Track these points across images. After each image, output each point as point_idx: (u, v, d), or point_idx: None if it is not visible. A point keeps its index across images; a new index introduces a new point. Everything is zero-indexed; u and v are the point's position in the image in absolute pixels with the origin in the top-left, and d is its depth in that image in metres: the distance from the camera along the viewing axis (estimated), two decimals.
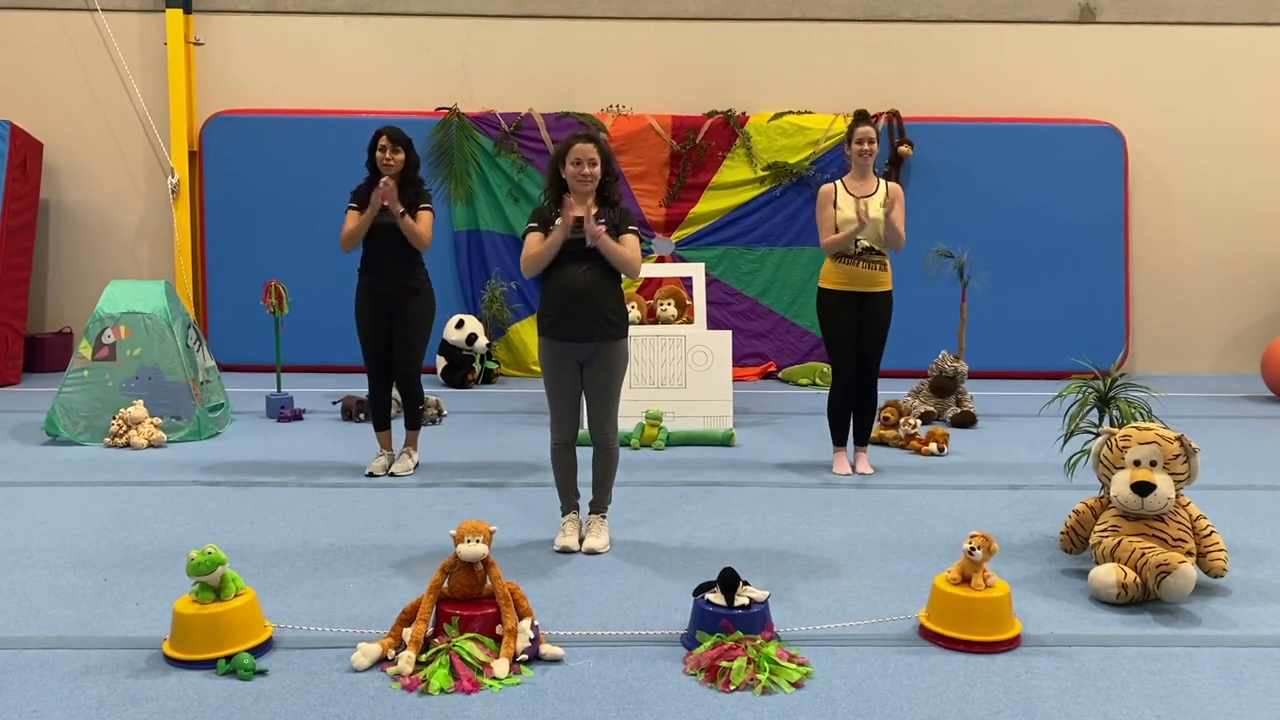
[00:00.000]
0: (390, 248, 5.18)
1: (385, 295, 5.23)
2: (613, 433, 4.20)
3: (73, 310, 9.52)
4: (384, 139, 5.15)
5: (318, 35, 9.44)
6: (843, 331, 5.32)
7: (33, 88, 9.37)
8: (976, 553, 3.21)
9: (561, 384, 4.12)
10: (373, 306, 5.26)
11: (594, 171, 4.00)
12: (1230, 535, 4.27)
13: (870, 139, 5.25)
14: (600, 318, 4.00)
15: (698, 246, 9.34)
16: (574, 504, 4.28)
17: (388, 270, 5.21)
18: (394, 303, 5.24)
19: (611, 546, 4.15)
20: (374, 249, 5.24)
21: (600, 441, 4.20)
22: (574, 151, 4.00)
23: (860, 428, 5.57)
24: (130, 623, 3.32)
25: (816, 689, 2.88)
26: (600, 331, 4.02)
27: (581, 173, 3.99)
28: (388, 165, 5.14)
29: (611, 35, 9.49)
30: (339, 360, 8.63)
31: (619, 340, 4.10)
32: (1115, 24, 9.57)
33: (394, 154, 5.13)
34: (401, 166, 5.17)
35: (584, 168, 3.98)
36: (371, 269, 5.26)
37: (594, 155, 3.99)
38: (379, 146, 5.15)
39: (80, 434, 6.05)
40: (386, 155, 5.13)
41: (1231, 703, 2.83)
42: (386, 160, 5.13)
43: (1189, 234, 9.75)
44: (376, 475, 5.32)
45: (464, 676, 2.88)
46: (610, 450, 4.22)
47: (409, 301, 5.25)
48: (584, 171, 3.99)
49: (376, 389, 5.41)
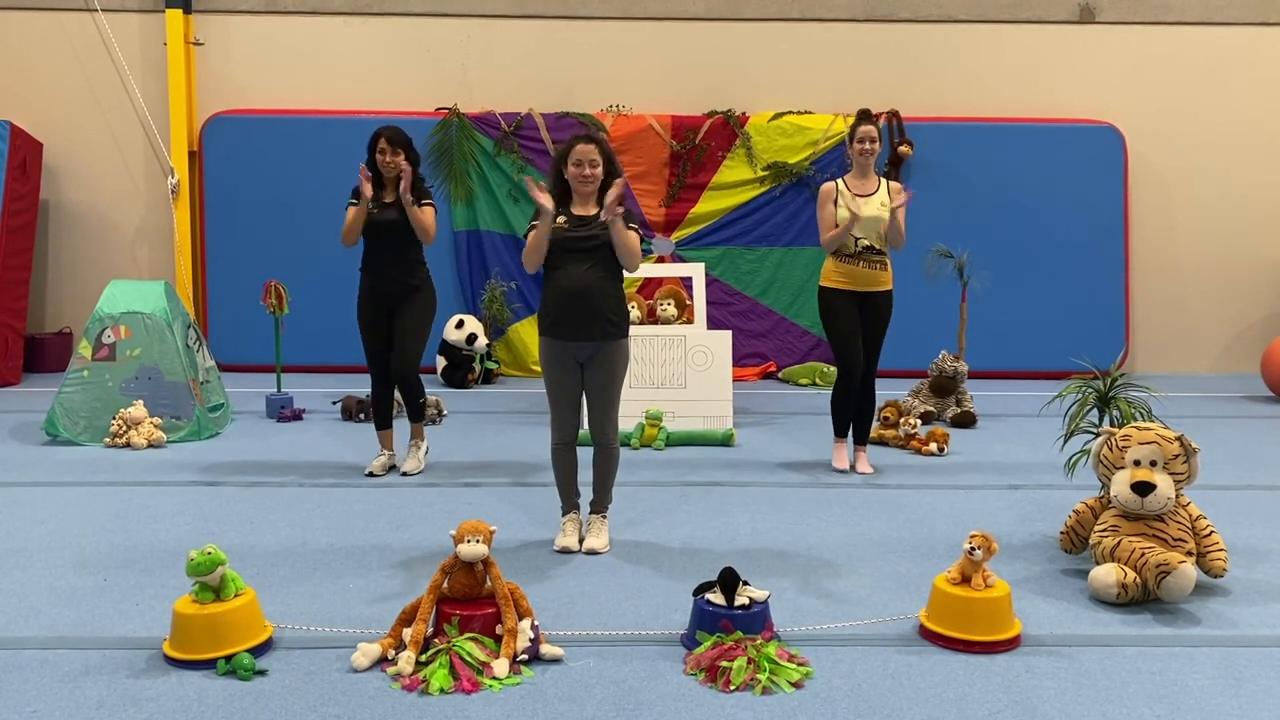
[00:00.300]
0: (391, 246, 5.19)
1: (386, 294, 5.23)
2: (613, 432, 4.21)
3: (72, 310, 9.51)
4: (383, 140, 5.14)
5: (318, 35, 9.44)
6: (847, 326, 5.33)
7: (32, 88, 9.37)
8: (976, 553, 3.21)
9: (562, 384, 4.12)
10: (373, 305, 5.26)
11: (595, 172, 4.01)
12: (1230, 535, 4.27)
13: (872, 138, 5.26)
14: (601, 317, 4.01)
15: (698, 246, 9.34)
16: (574, 504, 4.28)
17: (388, 268, 5.21)
18: (395, 300, 5.24)
19: (611, 546, 4.15)
20: (374, 247, 5.24)
21: (600, 441, 4.20)
22: (575, 152, 4.01)
23: (859, 428, 5.57)
24: (130, 623, 3.32)
25: (816, 689, 2.88)
26: (601, 331, 4.02)
27: (583, 174, 4.00)
28: (387, 166, 5.13)
29: (611, 35, 9.49)
30: (339, 360, 8.63)
31: (620, 340, 4.10)
32: (1115, 24, 9.57)
33: (393, 155, 5.12)
34: (400, 169, 5.16)
35: (585, 169, 4.00)
36: (372, 268, 5.27)
37: (595, 156, 4.00)
38: (378, 149, 5.14)
39: (80, 434, 6.05)
40: (386, 157, 5.12)
41: (1231, 703, 2.83)
42: (386, 162, 5.13)
43: (1189, 234, 9.75)
44: (377, 475, 5.32)
45: (464, 676, 2.88)
46: (611, 450, 4.23)
47: (410, 299, 5.25)
48: (585, 173, 4.00)
49: (378, 388, 5.41)
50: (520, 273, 9.33)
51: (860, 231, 5.23)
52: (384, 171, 5.15)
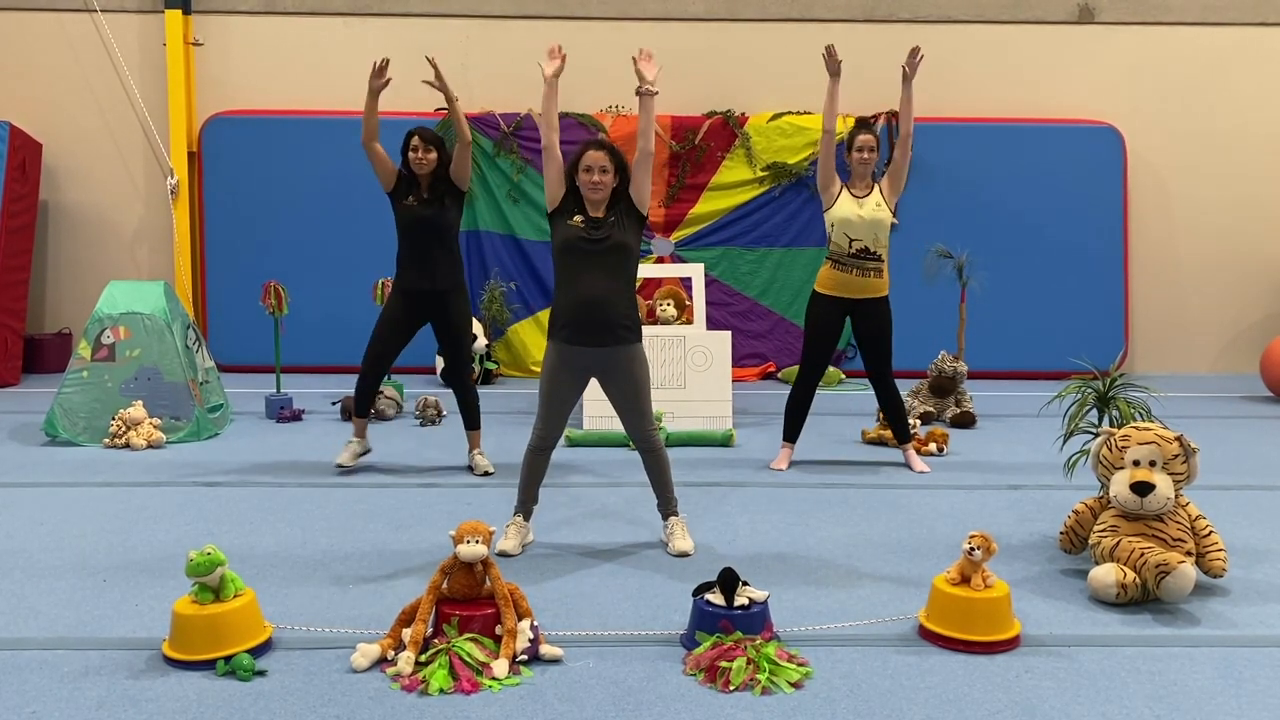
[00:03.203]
0: (428, 242, 5.14)
1: (424, 292, 5.21)
2: (654, 434, 4.16)
3: (72, 311, 9.51)
4: (416, 138, 5.18)
5: (317, 36, 9.44)
6: (822, 335, 5.45)
7: (32, 89, 9.37)
8: (976, 553, 3.21)
9: (559, 390, 4.07)
10: (405, 305, 5.26)
11: (605, 179, 3.94)
12: (1230, 535, 4.26)
13: (870, 147, 5.28)
14: (614, 324, 3.96)
15: (697, 247, 9.34)
16: (529, 510, 4.22)
17: (426, 264, 5.17)
18: (432, 300, 5.23)
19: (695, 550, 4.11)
20: (412, 242, 5.20)
21: (646, 446, 4.15)
22: (586, 159, 3.94)
23: (898, 428, 5.64)
24: (129, 623, 3.32)
25: (816, 689, 2.89)
26: (614, 337, 3.98)
27: (593, 180, 3.93)
28: (420, 164, 5.14)
29: (611, 36, 9.48)
30: (338, 361, 8.62)
31: (633, 345, 4.03)
32: (1114, 24, 9.57)
33: (426, 153, 5.14)
34: (434, 165, 5.17)
35: (594, 175, 3.93)
36: (409, 263, 5.21)
37: (605, 163, 3.93)
38: (411, 146, 5.17)
39: (79, 435, 6.05)
40: (419, 155, 5.14)
41: (1231, 703, 2.83)
42: (419, 159, 5.14)
43: (1188, 234, 9.74)
44: (346, 467, 5.30)
45: (463, 677, 2.88)
46: (658, 452, 4.17)
47: (450, 301, 5.26)
48: (595, 179, 3.93)
49: (369, 382, 5.38)
50: (520, 273, 9.31)
51: (856, 233, 5.25)
52: (415, 170, 5.16)
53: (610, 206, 4.01)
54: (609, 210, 4.00)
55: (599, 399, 6.00)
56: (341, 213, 8.99)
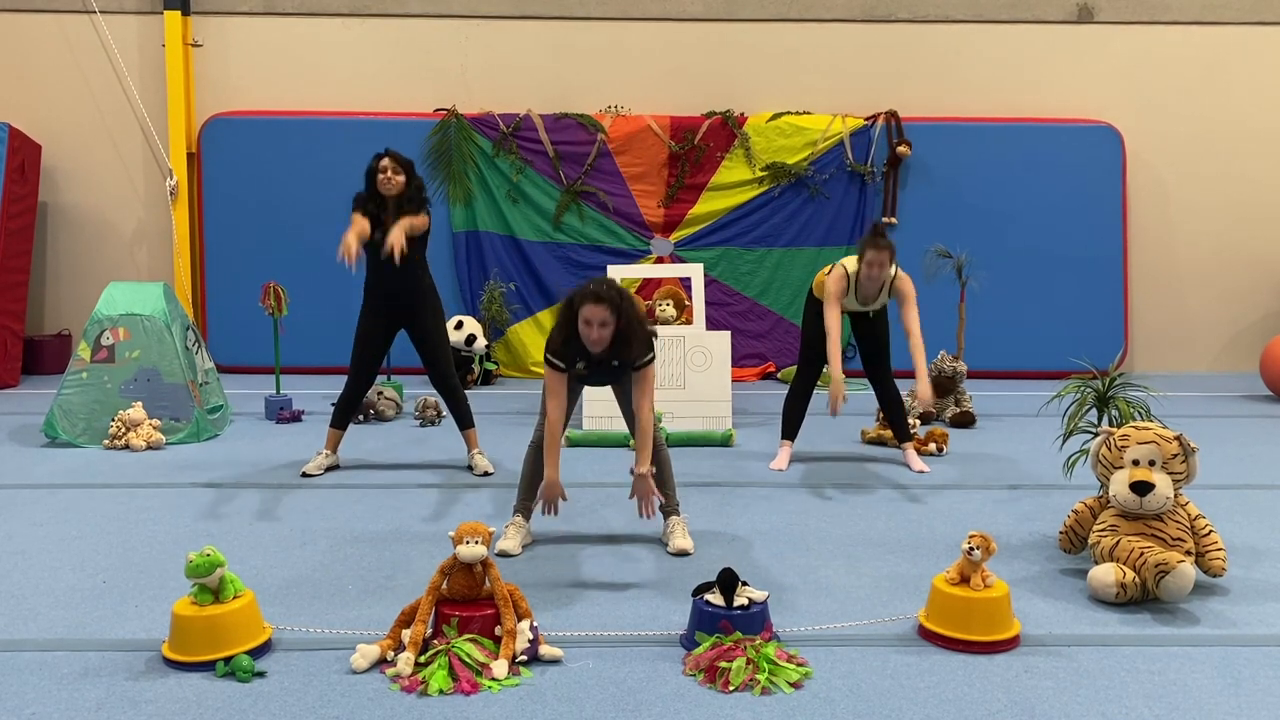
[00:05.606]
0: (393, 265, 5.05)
1: (392, 302, 5.24)
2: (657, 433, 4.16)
3: (71, 312, 9.51)
4: (386, 160, 5.09)
5: (316, 37, 9.43)
6: (819, 334, 5.44)
7: (31, 90, 9.37)
8: (975, 553, 3.21)
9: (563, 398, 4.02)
10: (375, 318, 5.29)
11: (604, 333, 3.80)
12: (1229, 535, 4.27)
13: (881, 264, 5.24)
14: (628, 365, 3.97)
15: (696, 247, 9.34)
16: (529, 509, 4.21)
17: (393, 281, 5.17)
18: (403, 308, 5.26)
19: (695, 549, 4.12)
20: (377, 266, 5.18)
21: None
22: (585, 311, 3.78)
23: (898, 428, 5.69)
24: (129, 625, 3.32)
25: (815, 689, 2.89)
26: (626, 374, 4.02)
27: (592, 336, 3.81)
28: (388, 185, 5.08)
29: (610, 36, 9.49)
30: (338, 362, 8.56)
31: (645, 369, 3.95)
32: (1113, 24, 9.57)
33: (395, 174, 5.06)
34: (402, 188, 5.11)
35: (594, 330, 3.78)
36: (377, 285, 5.25)
37: (605, 317, 3.77)
38: (380, 167, 5.08)
39: (79, 436, 6.05)
40: (388, 175, 5.05)
41: (1231, 702, 2.83)
42: (388, 180, 5.06)
43: (1187, 233, 9.75)
44: (312, 475, 5.29)
45: (463, 678, 2.88)
46: (659, 450, 4.16)
47: (420, 306, 5.26)
48: (594, 335, 3.80)
49: (354, 392, 5.41)
50: (519, 274, 9.33)
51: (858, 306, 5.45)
52: (383, 190, 5.10)
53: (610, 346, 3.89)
54: (610, 350, 3.90)
55: (599, 399, 6.01)
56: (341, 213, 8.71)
